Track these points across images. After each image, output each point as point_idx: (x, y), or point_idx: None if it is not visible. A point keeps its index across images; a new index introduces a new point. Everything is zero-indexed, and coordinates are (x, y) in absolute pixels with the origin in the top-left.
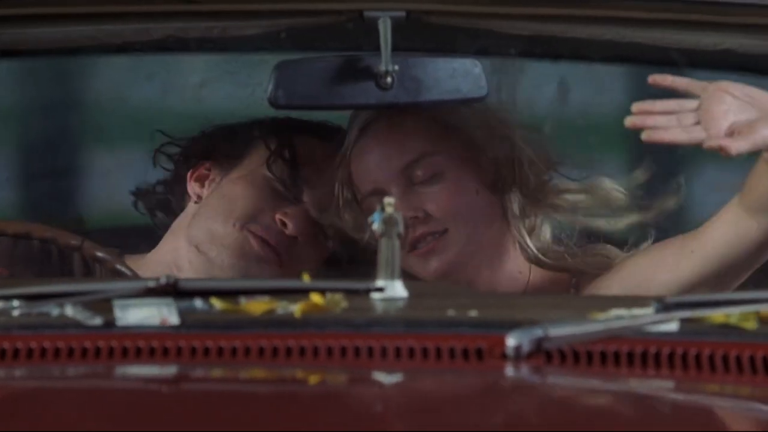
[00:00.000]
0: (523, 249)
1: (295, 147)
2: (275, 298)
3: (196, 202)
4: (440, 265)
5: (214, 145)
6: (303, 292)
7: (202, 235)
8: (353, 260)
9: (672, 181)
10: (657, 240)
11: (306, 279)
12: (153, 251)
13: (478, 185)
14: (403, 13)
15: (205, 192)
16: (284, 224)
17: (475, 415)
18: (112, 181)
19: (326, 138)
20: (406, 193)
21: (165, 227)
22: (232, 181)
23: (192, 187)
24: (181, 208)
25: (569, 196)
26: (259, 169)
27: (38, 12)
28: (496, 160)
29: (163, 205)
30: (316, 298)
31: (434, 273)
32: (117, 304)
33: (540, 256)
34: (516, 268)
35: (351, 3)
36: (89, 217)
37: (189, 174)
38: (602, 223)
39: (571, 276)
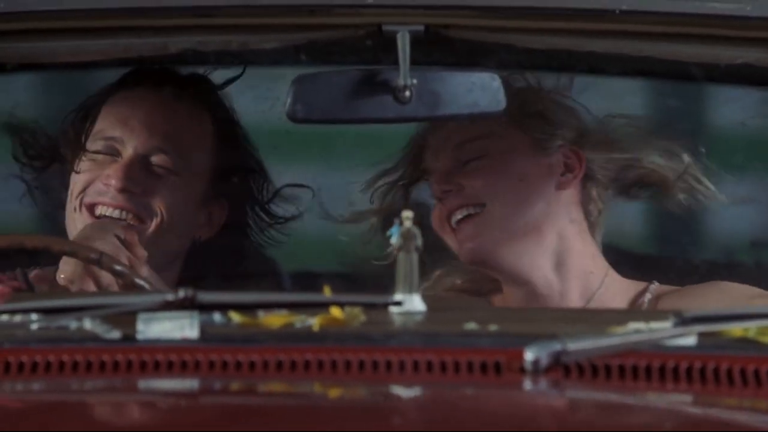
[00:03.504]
0: (598, 248)
1: (97, 111)
2: (294, 311)
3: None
4: (476, 246)
5: (63, 142)
6: (322, 306)
7: (74, 234)
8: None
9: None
10: None
11: (327, 293)
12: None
13: (525, 173)
14: (421, 27)
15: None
16: (109, 185)
17: (494, 429)
18: None
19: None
20: (449, 171)
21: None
22: (74, 175)
23: (62, 194)
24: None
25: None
26: (87, 153)
27: (56, 26)
28: (555, 151)
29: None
30: (335, 312)
31: (470, 255)
32: (135, 317)
33: (619, 257)
34: (587, 268)
35: (370, 17)
36: None
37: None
38: None
39: (648, 285)
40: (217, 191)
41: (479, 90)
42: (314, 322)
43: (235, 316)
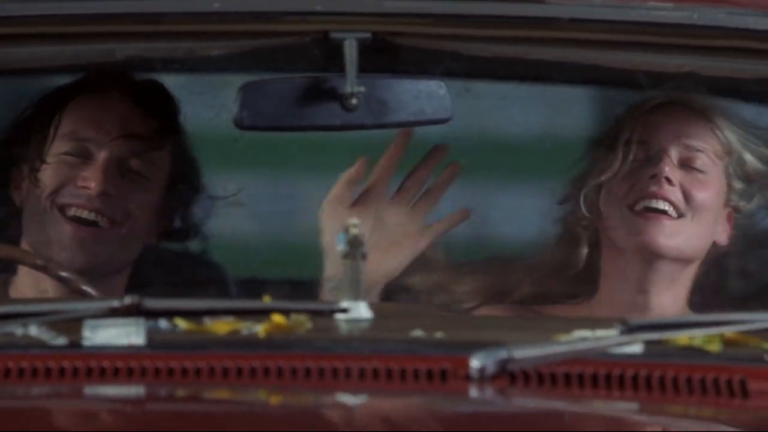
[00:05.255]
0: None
1: (70, 112)
2: (240, 318)
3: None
4: (653, 245)
5: (16, 143)
6: (268, 313)
7: (37, 237)
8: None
9: None
10: None
11: (268, 300)
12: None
13: (719, 221)
14: (368, 35)
15: (24, 196)
16: (87, 188)
17: None
18: None
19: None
20: (673, 157)
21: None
22: (40, 175)
23: (15, 196)
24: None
25: None
26: (55, 154)
27: (2, 32)
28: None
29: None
30: (278, 318)
31: (639, 246)
32: (81, 324)
33: None
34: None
35: (316, 24)
36: None
37: (10, 185)
38: None
39: None
40: (169, 196)
41: (426, 98)
42: (260, 328)
43: (182, 323)
